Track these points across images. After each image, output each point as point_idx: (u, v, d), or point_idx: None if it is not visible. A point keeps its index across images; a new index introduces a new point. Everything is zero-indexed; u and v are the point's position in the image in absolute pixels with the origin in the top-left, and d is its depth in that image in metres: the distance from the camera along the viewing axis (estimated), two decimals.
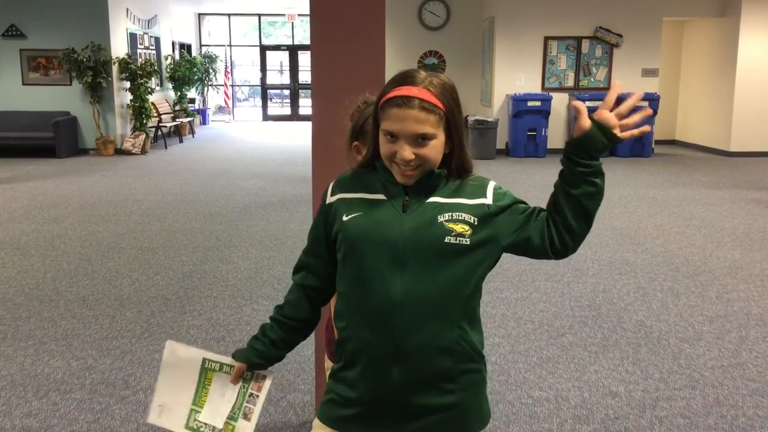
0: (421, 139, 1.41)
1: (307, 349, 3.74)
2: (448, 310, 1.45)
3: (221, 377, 1.68)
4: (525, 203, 1.53)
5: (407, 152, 1.41)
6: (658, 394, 3.28)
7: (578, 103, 1.46)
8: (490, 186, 1.51)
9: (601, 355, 3.73)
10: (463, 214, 1.44)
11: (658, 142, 12.77)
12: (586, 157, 1.42)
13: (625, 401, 3.22)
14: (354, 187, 1.53)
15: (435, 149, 1.44)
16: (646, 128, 1.44)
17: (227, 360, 1.68)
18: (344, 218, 1.49)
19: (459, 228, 1.43)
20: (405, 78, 1.45)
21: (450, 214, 1.44)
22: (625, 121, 1.43)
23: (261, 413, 1.66)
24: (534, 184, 9.11)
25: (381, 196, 1.49)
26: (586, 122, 1.42)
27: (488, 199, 1.48)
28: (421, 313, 1.43)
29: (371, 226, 1.46)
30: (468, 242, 1.43)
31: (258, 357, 1.65)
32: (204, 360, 1.70)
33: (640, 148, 11.78)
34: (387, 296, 1.43)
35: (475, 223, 1.44)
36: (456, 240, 1.43)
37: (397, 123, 1.41)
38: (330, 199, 1.55)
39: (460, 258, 1.44)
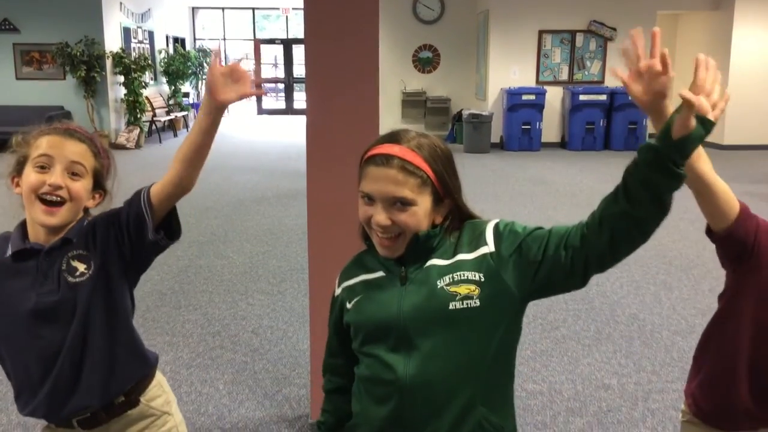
0: (400, 204, 1.25)
1: (302, 343, 3.76)
2: (465, 388, 1.27)
3: None
4: (538, 229, 1.27)
5: (381, 216, 1.25)
6: (650, 387, 3.31)
7: (689, 94, 1.09)
8: (489, 229, 1.30)
9: (594, 348, 3.76)
10: (466, 273, 1.25)
11: (652, 136, 12.72)
12: (682, 162, 1.11)
13: (618, 394, 3.24)
14: (355, 272, 1.40)
15: (415, 216, 1.26)
16: (726, 95, 1.18)
17: None
18: (348, 306, 1.37)
19: (463, 290, 1.24)
20: (391, 136, 1.31)
21: (450, 276, 1.26)
22: (713, 100, 1.15)
23: (257, 408, 1.62)
24: (528, 177, 9.12)
25: (380, 273, 1.34)
26: (692, 120, 1.10)
27: (490, 246, 1.27)
28: (434, 396, 1.26)
29: (370, 309, 1.33)
30: (478, 303, 1.24)
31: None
32: None
33: (634, 141, 11.80)
34: (393, 382, 1.28)
35: (482, 280, 1.24)
36: (463, 304, 1.24)
37: (373, 183, 1.26)
38: (337, 292, 1.43)
39: (471, 323, 1.25)
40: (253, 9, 18.92)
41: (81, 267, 1.51)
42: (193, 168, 1.57)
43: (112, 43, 12.21)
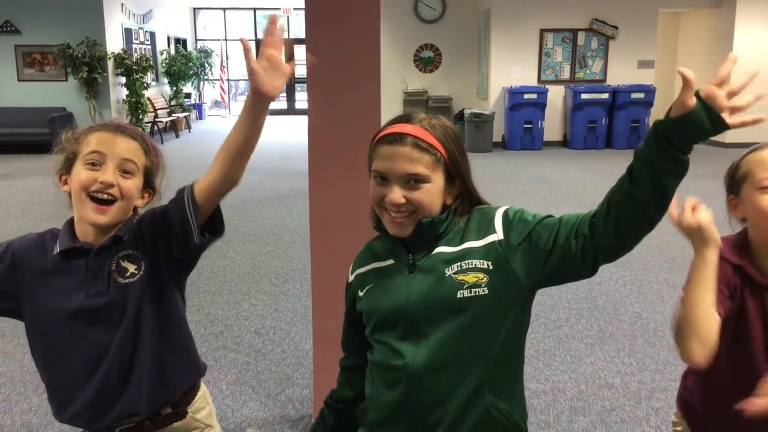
0: (414, 182, 1.25)
1: (305, 343, 3.76)
2: (473, 375, 1.26)
3: None
4: (548, 217, 1.26)
5: (396, 194, 1.25)
6: (653, 386, 3.30)
7: (686, 71, 1.10)
8: (498, 216, 1.29)
9: (598, 347, 3.75)
10: (474, 261, 1.25)
11: None
12: (679, 144, 1.10)
13: (621, 393, 3.24)
14: (367, 259, 1.40)
15: (429, 194, 1.26)
16: (761, 117, 1.14)
17: None
18: (360, 294, 1.38)
19: (471, 278, 1.24)
20: (402, 116, 1.32)
21: (458, 264, 1.25)
22: (737, 103, 1.13)
23: (261, 409, 1.64)
24: (530, 176, 9.11)
25: (390, 261, 1.35)
26: (691, 98, 1.09)
27: (498, 234, 1.26)
28: (442, 383, 1.27)
29: (380, 298, 1.33)
30: (486, 291, 1.23)
31: None
32: None
33: (636, 139, 11.78)
34: (401, 368, 1.29)
35: (491, 268, 1.24)
36: (471, 292, 1.23)
37: (386, 162, 1.26)
38: (350, 279, 1.44)
39: (479, 311, 1.24)
40: (254, 9, 18.93)
41: (131, 268, 1.48)
42: (238, 164, 1.49)
43: (114, 44, 12.23)
